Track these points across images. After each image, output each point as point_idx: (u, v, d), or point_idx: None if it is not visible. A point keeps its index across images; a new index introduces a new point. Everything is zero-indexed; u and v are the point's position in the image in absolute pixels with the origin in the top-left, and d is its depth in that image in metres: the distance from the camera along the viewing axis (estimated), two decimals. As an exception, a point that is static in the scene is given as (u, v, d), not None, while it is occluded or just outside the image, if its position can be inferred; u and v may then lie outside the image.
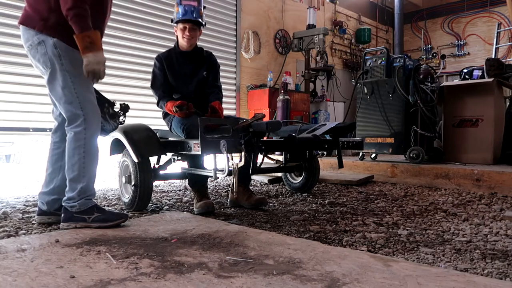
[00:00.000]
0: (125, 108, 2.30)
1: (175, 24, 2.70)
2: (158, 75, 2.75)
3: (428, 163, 3.89)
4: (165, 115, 2.82)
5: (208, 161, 2.59)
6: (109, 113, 2.23)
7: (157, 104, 2.77)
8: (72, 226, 1.93)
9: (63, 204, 1.98)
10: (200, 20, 2.66)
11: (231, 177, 2.26)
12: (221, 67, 3.00)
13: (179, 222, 2.06)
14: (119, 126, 2.60)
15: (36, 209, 2.50)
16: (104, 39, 4.28)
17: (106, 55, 4.75)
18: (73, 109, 1.92)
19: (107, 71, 4.81)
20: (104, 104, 2.20)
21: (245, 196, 2.64)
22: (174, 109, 2.53)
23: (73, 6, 1.80)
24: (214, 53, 2.95)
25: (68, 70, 1.91)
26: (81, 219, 1.93)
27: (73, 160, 1.94)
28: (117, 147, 2.67)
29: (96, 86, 2.32)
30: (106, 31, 4.26)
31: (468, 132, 4.10)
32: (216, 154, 2.30)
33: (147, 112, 4.64)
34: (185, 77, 2.75)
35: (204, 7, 2.71)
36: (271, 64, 6.13)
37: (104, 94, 2.31)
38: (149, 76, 4.92)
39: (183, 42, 2.71)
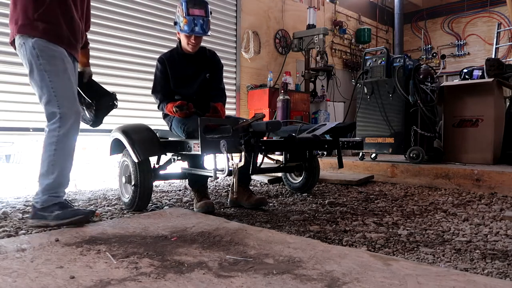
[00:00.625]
0: (109, 98, 2.33)
1: (178, 29, 2.64)
2: (159, 78, 2.72)
3: (428, 163, 3.89)
4: (165, 115, 2.81)
5: (208, 161, 2.59)
6: (85, 103, 2.29)
7: (158, 107, 2.75)
8: (35, 224, 1.94)
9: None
10: (208, 33, 2.62)
11: (231, 177, 2.26)
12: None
13: (178, 219, 2.06)
14: (119, 126, 2.61)
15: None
16: (104, 39, 4.35)
17: (106, 55, 4.77)
18: (51, 108, 1.92)
19: (107, 71, 4.80)
20: (81, 95, 2.24)
21: (245, 196, 2.64)
22: (174, 109, 2.52)
23: None
24: (214, 53, 2.94)
25: (47, 70, 1.91)
26: (42, 216, 1.93)
27: (44, 156, 1.95)
28: (117, 147, 2.67)
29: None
30: (106, 32, 4.28)
31: (468, 132, 4.10)
32: (216, 154, 2.30)
33: (147, 112, 4.64)
34: (188, 78, 2.73)
35: (211, 12, 2.65)
36: (271, 64, 6.13)
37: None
38: (150, 76, 4.93)
39: (187, 48, 2.68)
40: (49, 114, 1.93)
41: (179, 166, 2.84)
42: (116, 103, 2.35)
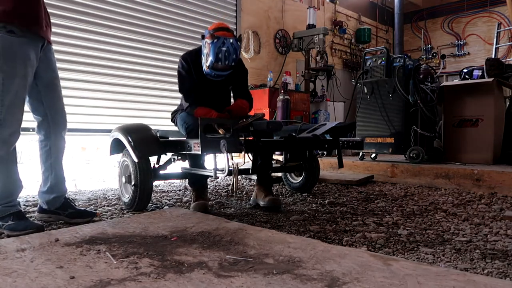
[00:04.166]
0: None
1: (205, 40, 2.50)
2: (186, 78, 2.64)
3: (428, 163, 3.89)
4: (176, 111, 2.82)
5: (209, 160, 2.59)
6: None
7: (185, 109, 2.67)
8: None
9: None
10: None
11: (231, 177, 2.26)
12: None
13: (178, 219, 2.06)
14: (119, 126, 2.61)
15: (36, 209, 2.50)
16: (105, 39, 4.35)
17: (107, 55, 4.76)
18: None
19: (108, 71, 4.79)
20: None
21: (262, 195, 2.65)
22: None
23: None
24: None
25: (3, 70, 1.85)
26: None
27: None
28: (117, 147, 2.67)
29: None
30: (106, 31, 4.28)
31: (468, 132, 4.10)
32: (216, 154, 2.30)
33: (147, 112, 4.64)
34: (209, 88, 2.67)
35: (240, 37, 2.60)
36: (271, 64, 6.13)
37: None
38: (150, 76, 4.93)
39: None
40: None
41: (179, 166, 2.84)
42: None
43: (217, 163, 2.30)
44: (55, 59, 2.15)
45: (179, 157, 2.77)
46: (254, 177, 3.81)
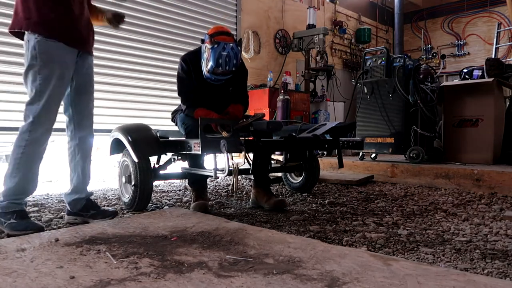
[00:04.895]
0: None
1: (206, 44, 2.50)
2: (186, 80, 2.63)
3: (428, 163, 3.89)
4: (176, 110, 2.82)
5: (209, 160, 2.59)
6: None
7: (184, 111, 2.66)
8: None
9: None
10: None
11: (231, 177, 2.26)
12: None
13: (178, 219, 2.06)
14: (119, 126, 2.61)
15: (36, 209, 2.52)
16: (105, 39, 4.35)
17: (107, 55, 4.75)
18: (30, 110, 1.90)
19: (108, 71, 4.78)
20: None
21: (264, 197, 2.63)
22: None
23: None
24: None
25: (41, 72, 1.90)
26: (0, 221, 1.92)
27: (12, 158, 1.93)
28: (117, 147, 2.67)
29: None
30: (107, 31, 4.28)
31: (468, 132, 4.10)
32: (216, 154, 2.29)
33: (147, 112, 4.64)
34: (211, 89, 2.66)
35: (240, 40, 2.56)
36: (271, 64, 6.13)
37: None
38: (150, 76, 4.93)
39: None
40: (26, 115, 1.92)
41: (179, 166, 2.84)
42: None
43: (217, 163, 2.30)
44: (93, 67, 2.20)
45: (179, 157, 2.77)
46: (254, 177, 3.82)
